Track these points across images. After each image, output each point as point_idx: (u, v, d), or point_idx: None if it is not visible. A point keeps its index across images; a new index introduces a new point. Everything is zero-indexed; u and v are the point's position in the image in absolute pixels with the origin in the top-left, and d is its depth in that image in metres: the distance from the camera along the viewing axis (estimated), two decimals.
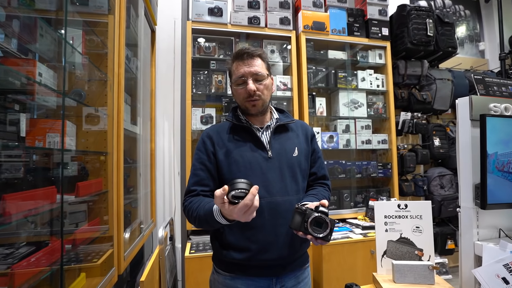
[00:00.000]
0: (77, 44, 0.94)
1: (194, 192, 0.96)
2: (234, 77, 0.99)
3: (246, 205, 0.73)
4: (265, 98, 1.00)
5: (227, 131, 1.03)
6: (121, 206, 1.23)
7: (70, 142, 1.01)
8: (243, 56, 0.97)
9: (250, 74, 0.96)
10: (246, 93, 0.97)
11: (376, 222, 1.14)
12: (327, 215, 0.81)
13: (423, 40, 2.41)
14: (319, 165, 1.12)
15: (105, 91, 1.17)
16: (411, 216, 1.10)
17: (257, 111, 1.00)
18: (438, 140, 2.64)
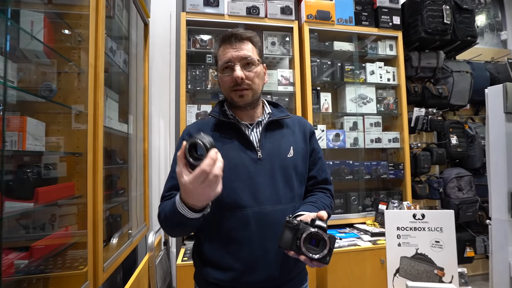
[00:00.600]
0: (38, 30, 0.82)
1: (170, 195, 0.82)
2: (220, 63, 0.84)
3: (203, 172, 0.58)
4: (255, 87, 0.85)
5: (210, 128, 0.89)
6: (99, 212, 1.11)
7: (34, 142, 0.89)
8: (230, 39, 0.83)
9: (238, 59, 0.81)
10: (232, 81, 0.82)
11: (387, 234, 0.98)
12: (325, 231, 0.66)
13: (439, 28, 2.20)
14: (319, 167, 0.96)
15: (80, 85, 1.05)
16: (430, 228, 0.94)
17: (246, 103, 0.86)
18: (455, 138, 2.43)
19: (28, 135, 0.85)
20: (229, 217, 0.80)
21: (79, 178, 1.05)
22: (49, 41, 0.91)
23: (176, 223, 0.71)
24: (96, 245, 1.09)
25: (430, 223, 0.94)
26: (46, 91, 1.00)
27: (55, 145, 1.02)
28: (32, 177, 0.81)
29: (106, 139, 1.57)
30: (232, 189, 0.80)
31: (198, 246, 0.87)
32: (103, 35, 1.15)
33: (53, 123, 1.02)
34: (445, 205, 2.36)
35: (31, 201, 0.79)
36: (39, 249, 0.84)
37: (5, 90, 0.68)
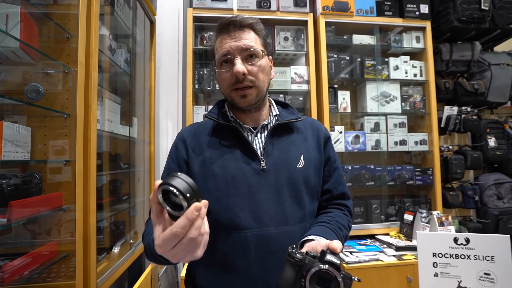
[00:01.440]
0: (13, 25, 0.74)
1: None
2: (217, 56, 0.71)
3: (174, 235, 0.41)
4: (260, 84, 0.71)
5: (208, 132, 0.76)
6: (92, 224, 1.02)
7: (13, 149, 0.81)
8: (228, 27, 0.70)
9: (238, 51, 0.68)
10: (232, 78, 0.69)
11: (420, 261, 0.80)
12: (338, 268, 0.50)
13: (475, 16, 1.94)
14: (335, 180, 0.81)
15: (67, 86, 0.96)
16: (477, 256, 0.75)
17: (249, 105, 0.72)
18: (493, 139, 2.15)
19: (6, 142, 0.77)
20: (225, 239, 0.67)
21: (68, 188, 0.96)
22: (30, 37, 0.83)
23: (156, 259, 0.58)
24: (87, 259, 1.00)
25: (477, 250, 0.76)
26: (33, 93, 0.92)
27: (42, 152, 0.94)
28: (7, 189, 0.73)
29: (108, 143, 1.51)
30: (228, 206, 0.68)
31: (190, 271, 0.75)
32: (97, 32, 1.06)
33: (39, 127, 0.94)
34: (482, 216, 2.10)
35: (4, 216, 0.70)
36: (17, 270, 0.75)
37: None
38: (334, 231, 0.71)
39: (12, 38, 0.73)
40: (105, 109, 1.31)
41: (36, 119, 0.94)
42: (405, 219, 1.90)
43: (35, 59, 0.89)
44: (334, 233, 0.71)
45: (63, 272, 1.00)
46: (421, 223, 1.80)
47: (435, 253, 0.79)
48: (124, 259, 1.37)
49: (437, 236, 0.80)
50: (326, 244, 0.55)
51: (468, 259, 0.76)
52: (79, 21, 0.96)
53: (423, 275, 0.80)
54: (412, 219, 1.85)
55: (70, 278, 0.97)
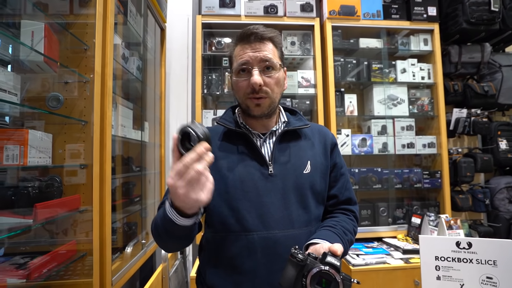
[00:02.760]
0: (38, 40, 0.80)
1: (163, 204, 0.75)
2: (236, 65, 0.75)
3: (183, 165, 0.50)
4: (273, 96, 0.75)
5: (218, 137, 0.80)
6: (107, 225, 1.08)
7: (38, 155, 0.87)
8: (249, 38, 0.73)
9: (257, 62, 0.72)
10: (249, 87, 0.73)
11: (423, 264, 0.82)
12: (338, 270, 0.53)
13: (484, 17, 1.92)
14: (341, 185, 0.83)
15: (85, 95, 1.02)
16: (479, 260, 0.76)
17: (262, 113, 0.76)
18: (504, 142, 2.12)
19: (31, 148, 0.83)
20: (233, 241, 0.71)
21: (86, 191, 1.02)
22: (52, 50, 0.89)
23: (166, 232, 0.61)
24: (103, 258, 1.05)
25: (479, 254, 0.77)
26: (53, 101, 0.98)
27: (61, 157, 1.00)
28: (32, 192, 0.79)
29: (121, 147, 1.57)
30: (236, 209, 0.71)
31: (201, 272, 0.79)
32: (111, 42, 1.12)
33: (59, 134, 1.00)
34: (493, 219, 2.07)
35: (30, 217, 0.76)
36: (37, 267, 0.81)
37: None
38: (338, 235, 0.73)
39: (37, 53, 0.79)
40: (119, 114, 1.38)
41: (56, 126, 1.00)
42: (412, 222, 1.90)
43: (55, 70, 0.96)
44: (339, 237, 0.73)
45: (80, 270, 1.06)
46: (429, 227, 1.79)
47: (437, 257, 0.81)
48: (136, 258, 1.42)
49: (440, 240, 0.81)
50: (328, 247, 0.57)
51: (471, 263, 0.77)
52: (96, 33, 1.02)
53: (425, 278, 0.81)
54: (420, 222, 1.84)
55: (87, 276, 1.02)
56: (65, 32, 1.02)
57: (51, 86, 0.99)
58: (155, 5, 1.77)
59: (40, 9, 0.90)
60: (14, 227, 0.75)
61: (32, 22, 0.80)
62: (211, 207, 0.74)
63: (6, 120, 0.94)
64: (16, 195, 0.79)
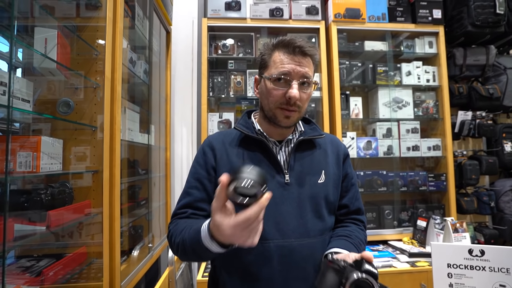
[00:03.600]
0: (51, 47, 0.80)
1: (183, 214, 0.74)
2: (275, 71, 0.73)
3: (247, 220, 0.48)
4: (303, 111, 0.76)
5: (235, 142, 0.80)
6: (116, 230, 1.08)
7: (49, 161, 0.87)
8: (294, 50, 0.72)
9: (298, 76, 0.71)
10: (283, 98, 0.72)
11: (435, 271, 0.82)
12: (377, 278, 0.53)
13: (489, 20, 1.92)
14: (352, 196, 0.84)
15: (95, 100, 1.02)
16: (492, 268, 0.76)
17: (290, 125, 0.76)
18: (509, 144, 2.11)
19: (43, 155, 0.83)
20: (249, 248, 0.71)
21: (96, 196, 1.02)
22: (63, 56, 0.89)
23: (194, 253, 0.63)
24: (113, 262, 1.06)
25: (492, 262, 0.77)
26: (64, 107, 0.99)
27: (72, 163, 1.00)
28: (45, 199, 0.79)
29: (127, 150, 1.57)
30: None
31: (214, 277, 0.79)
32: (121, 47, 1.12)
33: (70, 139, 1.00)
34: (498, 222, 2.06)
35: (43, 224, 0.76)
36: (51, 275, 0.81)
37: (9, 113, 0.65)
38: (355, 246, 0.74)
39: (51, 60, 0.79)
40: (126, 118, 1.38)
41: (66, 132, 1.00)
42: (418, 225, 1.90)
43: (67, 76, 0.96)
44: (356, 248, 0.74)
45: (89, 274, 1.06)
46: (434, 230, 1.79)
47: (449, 264, 0.81)
48: (144, 262, 1.43)
49: (452, 247, 0.82)
50: (359, 255, 0.58)
51: (483, 270, 0.77)
52: (106, 38, 1.02)
53: (438, 285, 0.81)
54: (426, 226, 1.84)
55: (97, 279, 1.02)
56: (75, 37, 1.02)
57: (62, 92, 0.99)
58: (161, 8, 1.77)
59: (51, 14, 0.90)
60: (27, 234, 0.75)
61: (45, 29, 0.81)
62: None
63: (17, 126, 0.95)
64: (28, 201, 0.79)
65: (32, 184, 0.86)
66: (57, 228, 0.82)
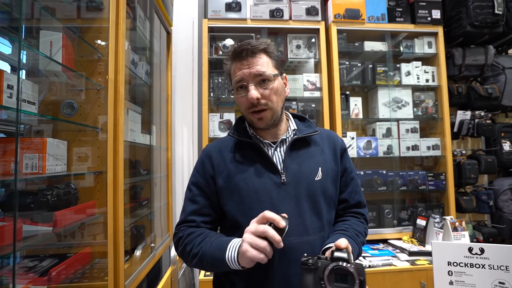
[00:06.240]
0: (56, 50, 0.81)
1: (193, 223, 0.78)
2: (233, 82, 0.77)
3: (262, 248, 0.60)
4: (274, 106, 0.77)
5: (231, 149, 0.82)
6: (121, 231, 1.09)
7: (55, 163, 0.88)
8: (241, 54, 0.74)
9: (251, 77, 0.74)
10: (248, 102, 0.75)
11: (436, 269, 0.84)
12: (348, 261, 0.55)
13: (488, 20, 1.94)
14: (352, 190, 0.85)
15: (99, 102, 1.03)
16: (491, 266, 0.78)
17: (266, 125, 0.78)
18: (508, 144, 2.13)
19: (48, 156, 0.84)
20: None
21: (100, 197, 1.03)
22: (68, 58, 0.90)
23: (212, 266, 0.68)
24: (117, 262, 1.07)
25: (491, 260, 0.78)
26: (68, 109, 1.00)
27: (76, 164, 1.01)
28: (51, 200, 0.80)
29: (129, 151, 1.58)
30: (252, 218, 0.73)
31: (219, 277, 0.80)
32: (123, 49, 1.13)
33: (74, 140, 1.01)
34: (497, 221, 2.08)
35: (50, 225, 0.78)
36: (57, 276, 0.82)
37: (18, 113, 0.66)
38: (352, 238, 0.76)
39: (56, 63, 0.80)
40: (128, 119, 1.39)
41: (70, 133, 1.01)
42: (418, 224, 1.91)
43: (71, 78, 0.97)
44: (352, 239, 0.75)
45: (93, 273, 1.08)
46: (434, 228, 1.81)
47: (450, 262, 0.82)
48: (146, 262, 1.44)
49: (452, 246, 0.83)
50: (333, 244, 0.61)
51: (483, 268, 0.79)
52: (109, 40, 1.03)
53: (438, 283, 0.83)
54: (425, 224, 1.86)
55: (101, 279, 1.04)
56: (78, 40, 1.03)
57: (66, 93, 1.00)
58: (162, 9, 1.78)
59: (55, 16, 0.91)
60: (34, 235, 0.76)
61: (50, 32, 0.82)
62: (229, 217, 0.76)
63: (21, 127, 0.95)
64: (35, 202, 0.80)
65: (38, 185, 0.87)
66: (63, 229, 0.83)
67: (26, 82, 0.80)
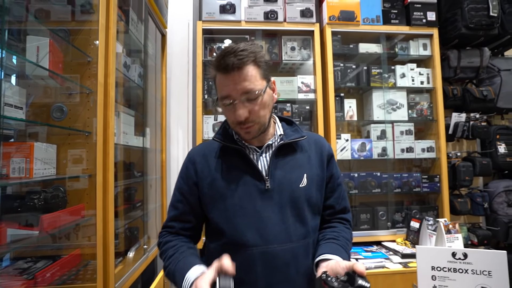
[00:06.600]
0: (43, 55, 0.82)
1: (172, 229, 0.79)
2: (219, 95, 0.73)
3: None
4: (262, 120, 0.74)
5: (215, 153, 0.80)
6: (111, 233, 1.10)
7: (43, 167, 0.89)
8: (226, 68, 0.68)
9: (239, 94, 0.69)
10: (235, 118, 0.72)
11: (420, 274, 0.84)
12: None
13: (483, 22, 1.94)
14: (338, 196, 0.85)
15: (88, 105, 1.04)
16: (474, 271, 0.78)
17: (253, 137, 0.77)
18: (503, 146, 2.13)
19: (36, 160, 0.85)
20: (234, 255, 0.72)
21: (89, 200, 1.04)
22: (56, 62, 0.91)
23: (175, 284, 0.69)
24: (107, 264, 1.08)
25: (474, 265, 0.79)
26: (58, 112, 1.00)
27: (65, 167, 1.02)
28: (38, 204, 0.81)
29: (123, 153, 1.59)
30: (236, 225, 0.73)
31: None
32: (114, 52, 1.14)
33: (63, 144, 1.02)
34: (492, 223, 2.08)
35: (36, 229, 0.78)
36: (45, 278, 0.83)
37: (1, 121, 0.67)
38: (343, 248, 0.76)
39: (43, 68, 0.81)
40: (121, 122, 1.40)
41: (60, 137, 1.02)
42: (411, 226, 1.91)
43: (60, 83, 0.98)
44: (344, 249, 0.76)
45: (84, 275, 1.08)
46: (427, 231, 1.81)
47: (433, 267, 0.83)
48: (139, 264, 1.45)
49: (436, 251, 0.83)
50: (350, 266, 0.59)
51: (466, 273, 0.79)
52: (99, 44, 1.04)
53: (422, 287, 0.83)
54: (419, 227, 1.86)
55: (92, 281, 1.04)
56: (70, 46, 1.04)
57: (55, 97, 1.01)
58: (156, 12, 1.79)
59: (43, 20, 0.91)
60: (21, 239, 0.77)
61: (36, 37, 0.82)
62: (212, 223, 0.76)
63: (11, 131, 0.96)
64: (21, 206, 0.81)
65: (26, 189, 0.88)
66: (50, 232, 0.84)
67: (13, 86, 0.80)
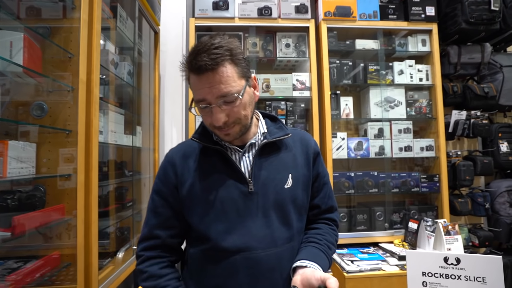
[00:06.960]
0: (16, 51, 0.79)
1: (157, 239, 0.72)
2: (195, 97, 0.67)
3: None
4: (243, 121, 0.68)
5: (195, 154, 0.75)
6: (94, 234, 1.07)
7: (18, 166, 0.86)
8: (199, 69, 0.62)
9: (215, 97, 0.63)
10: (213, 123, 0.67)
11: (409, 279, 0.80)
12: None
13: (484, 17, 1.87)
14: (324, 195, 0.81)
15: (69, 103, 1.01)
16: (467, 277, 0.74)
17: (234, 139, 0.72)
18: (505, 144, 2.06)
19: (11, 159, 0.82)
20: (216, 262, 0.69)
21: (69, 200, 1.01)
22: (33, 59, 0.88)
23: None
24: (89, 267, 1.05)
25: (468, 271, 0.74)
26: (38, 110, 0.98)
27: (46, 166, 1.00)
28: (11, 204, 0.78)
29: (115, 152, 1.57)
30: (217, 230, 0.69)
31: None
32: (98, 49, 1.11)
33: (44, 142, 0.99)
34: (493, 224, 2.02)
35: (8, 230, 0.76)
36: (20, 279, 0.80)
37: None
38: (324, 252, 0.72)
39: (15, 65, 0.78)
40: (109, 120, 1.37)
41: (40, 135, 1.00)
42: (409, 227, 1.86)
43: (39, 80, 0.95)
44: (325, 254, 0.72)
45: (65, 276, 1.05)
46: (426, 232, 1.76)
47: (424, 272, 0.78)
48: (127, 264, 1.42)
49: (427, 255, 0.79)
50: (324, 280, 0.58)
51: (459, 279, 0.75)
52: (80, 40, 1.01)
53: None
54: (417, 228, 1.81)
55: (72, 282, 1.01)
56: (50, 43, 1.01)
57: (35, 95, 0.98)
58: (147, 9, 1.76)
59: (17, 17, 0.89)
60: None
61: (9, 32, 0.80)
62: (194, 229, 0.72)
63: None
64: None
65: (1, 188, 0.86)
66: (24, 233, 0.81)
67: None
